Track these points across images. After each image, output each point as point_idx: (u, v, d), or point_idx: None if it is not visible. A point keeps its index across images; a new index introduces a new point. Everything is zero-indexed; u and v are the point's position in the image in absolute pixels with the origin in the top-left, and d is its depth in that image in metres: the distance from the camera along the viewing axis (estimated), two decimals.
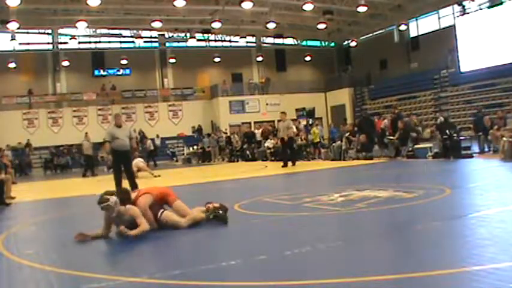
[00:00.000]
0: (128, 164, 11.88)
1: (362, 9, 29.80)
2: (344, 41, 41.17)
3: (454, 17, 31.66)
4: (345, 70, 40.98)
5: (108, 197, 5.85)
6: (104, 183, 15.08)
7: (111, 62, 36.25)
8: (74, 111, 34.04)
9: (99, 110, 34.45)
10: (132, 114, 34.67)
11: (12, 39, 31.78)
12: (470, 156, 14.36)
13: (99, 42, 36.46)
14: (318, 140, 22.09)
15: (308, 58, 41.18)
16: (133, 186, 11.00)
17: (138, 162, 18.00)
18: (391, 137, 17.34)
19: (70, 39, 34.23)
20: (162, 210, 6.21)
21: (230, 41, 39.15)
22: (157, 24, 31.18)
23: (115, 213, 5.86)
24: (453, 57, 30.11)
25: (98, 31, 34.82)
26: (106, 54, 36.29)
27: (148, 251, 5.36)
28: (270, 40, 39.66)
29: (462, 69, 29.21)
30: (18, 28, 28.77)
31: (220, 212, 6.35)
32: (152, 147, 29.44)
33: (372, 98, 36.03)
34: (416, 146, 16.65)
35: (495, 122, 15.75)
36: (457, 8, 31.83)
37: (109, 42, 36.77)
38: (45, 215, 9.32)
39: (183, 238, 5.86)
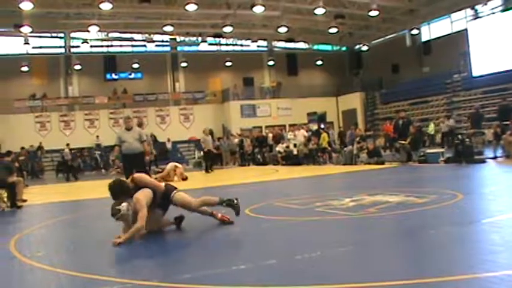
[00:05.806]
0: (139, 168, 11.81)
1: (374, 13, 29.79)
2: (356, 45, 41.13)
3: (467, 21, 31.53)
4: (356, 74, 40.90)
5: (119, 207, 5.88)
6: None
7: (122, 66, 36.50)
8: (86, 114, 34.32)
9: (111, 113, 34.69)
10: (143, 118, 34.72)
11: (25, 43, 32.13)
12: (483, 161, 14.24)
13: (111, 46, 36.77)
14: (326, 145, 21.80)
15: (319, 62, 41.21)
16: None
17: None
18: (403, 142, 17.19)
19: (82, 43, 34.59)
20: (175, 191, 6.37)
21: (242, 45, 39.25)
22: (168, 28, 31.36)
23: (131, 214, 5.93)
24: (465, 61, 29.96)
25: (110, 35, 35.12)
26: (118, 58, 36.55)
27: (160, 255, 5.36)
28: (282, 44, 39.71)
29: (474, 74, 29.06)
30: (31, 32, 29.17)
31: (235, 201, 6.49)
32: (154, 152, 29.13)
33: (383, 102, 35.92)
34: (428, 151, 16.51)
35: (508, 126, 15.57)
36: (469, 12, 31.70)
37: (121, 46, 37.06)
38: (56, 218, 9.36)
39: (193, 242, 5.89)
